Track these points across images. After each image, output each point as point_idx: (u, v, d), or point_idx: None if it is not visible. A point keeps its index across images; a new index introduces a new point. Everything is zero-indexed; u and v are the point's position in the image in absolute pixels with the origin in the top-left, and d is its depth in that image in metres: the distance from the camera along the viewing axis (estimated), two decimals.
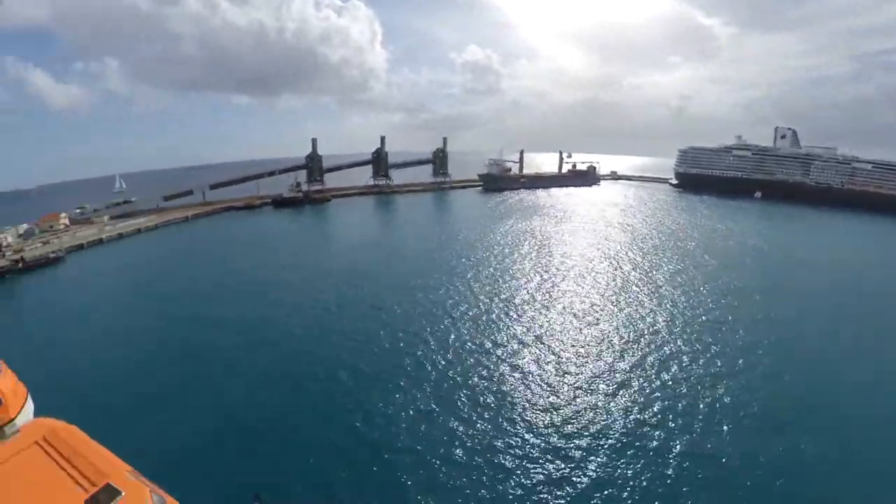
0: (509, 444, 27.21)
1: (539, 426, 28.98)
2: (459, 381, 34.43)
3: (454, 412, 30.52)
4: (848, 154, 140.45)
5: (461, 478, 24.38)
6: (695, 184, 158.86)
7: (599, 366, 36.61)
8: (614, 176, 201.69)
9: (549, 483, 24.04)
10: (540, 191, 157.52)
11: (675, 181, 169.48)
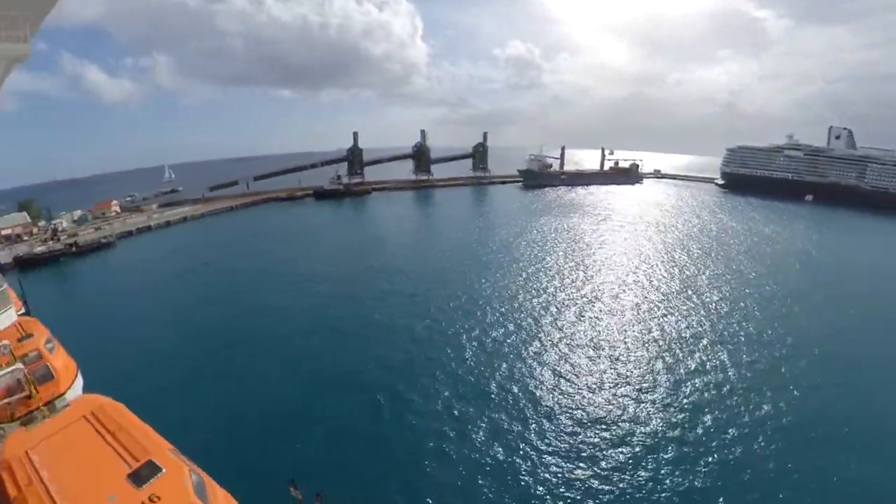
0: (548, 444, 26.64)
1: (576, 427, 28.23)
2: (494, 378, 33.78)
3: (488, 408, 30.11)
4: None
5: (495, 477, 23.96)
6: (742, 184, 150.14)
7: (637, 371, 35.01)
8: (658, 174, 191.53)
9: (579, 486, 23.57)
10: (580, 188, 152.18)
11: (721, 181, 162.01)
